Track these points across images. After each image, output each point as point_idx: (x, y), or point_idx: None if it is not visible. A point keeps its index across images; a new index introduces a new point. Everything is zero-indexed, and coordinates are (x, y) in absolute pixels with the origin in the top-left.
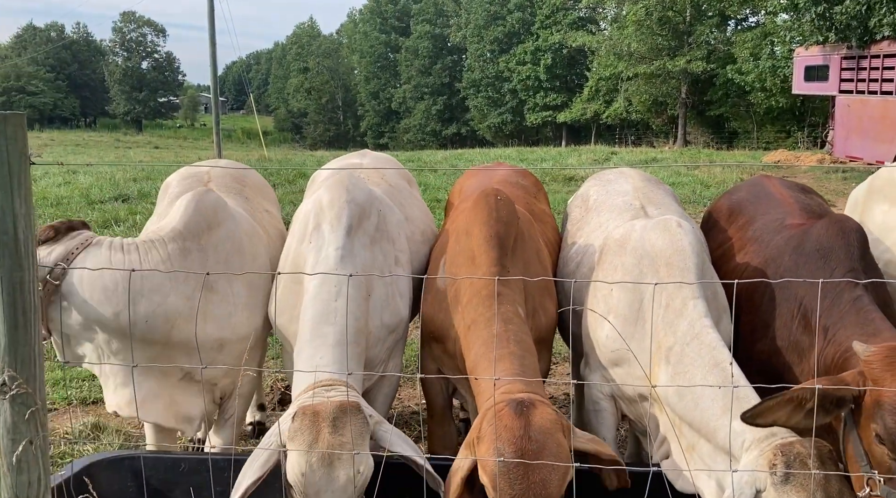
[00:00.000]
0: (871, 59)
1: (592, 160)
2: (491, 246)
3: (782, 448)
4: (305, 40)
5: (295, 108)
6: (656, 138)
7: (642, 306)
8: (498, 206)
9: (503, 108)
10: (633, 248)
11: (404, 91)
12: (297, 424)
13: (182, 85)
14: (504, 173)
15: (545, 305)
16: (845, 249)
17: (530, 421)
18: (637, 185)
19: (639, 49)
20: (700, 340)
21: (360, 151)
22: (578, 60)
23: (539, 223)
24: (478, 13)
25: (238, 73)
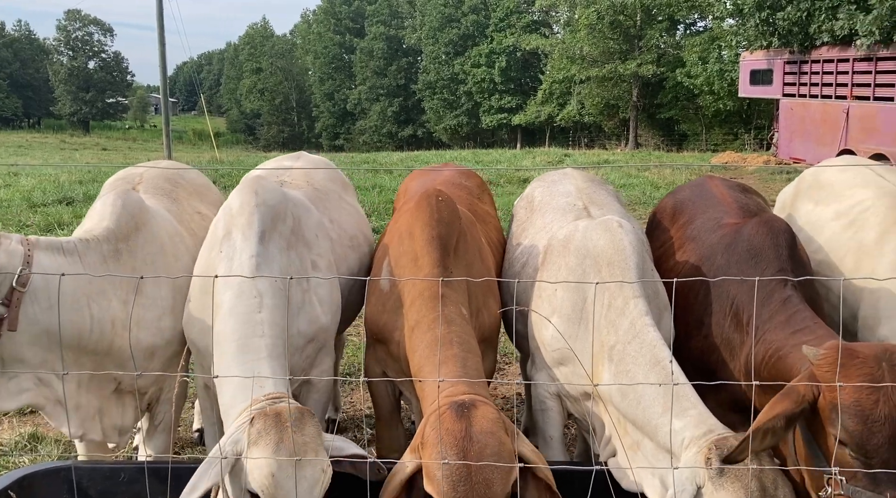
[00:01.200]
0: (811, 63)
1: (546, 162)
2: (433, 247)
3: (717, 443)
4: (258, 41)
5: (248, 110)
6: (608, 141)
7: (585, 306)
8: (439, 208)
9: (459, 111)
10: (577, 248)
11: (359, 92)
12: (259, 427)
13: (131, 85)
14: (449, 174)
15: (489, 305)
16: (774, 249)
17: (472, 423)
18: (580, 186)
19: (591, 52)
20: (641, 339)
21: (296, 154)
22: (532, 63)
23: (482, 224)
24: (432, 15)
25: (189, 73)
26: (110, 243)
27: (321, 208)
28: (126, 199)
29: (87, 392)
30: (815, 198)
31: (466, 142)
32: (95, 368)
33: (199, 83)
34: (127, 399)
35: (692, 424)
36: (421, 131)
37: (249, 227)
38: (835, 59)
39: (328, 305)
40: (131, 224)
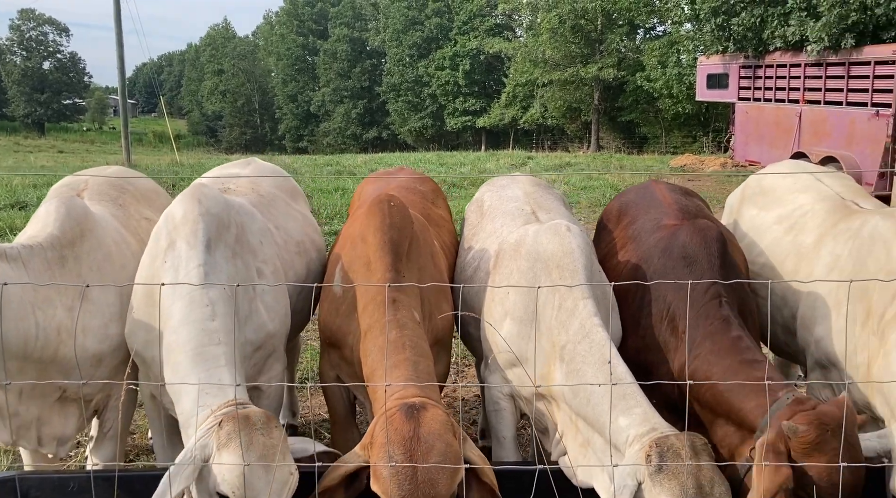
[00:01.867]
0: (765, 68)
1: (510, 165)
2: (385, 252)
3: (658, 441)
4: (220, 42)
5: (209, 111)
6: (571, 143)
7: (538, 307)
8: (391, 213)
9: (423, 113)
10: (527, 252)
11: (323, 94)
12: (228, 429)
13: (88, 87)
14: (403, 179)
15: (442, 308)
16: (707, 256)
17: (420, 424)
18: (528, 191)
19: (553, 56)
20: (590, 339)
21: (246, 159)
22: (496, 66)
23: (435, 227)
24: (396, 18)
25: (149, 74)
26: (55, 250)
27: (266, 215)
28: (70, 205)
29: (29, 400)
30: (758, 203)
31: (431, 144)
32: (40, 377)
33: (158, 85)
34: (71, 408)
35: (637, 421)
36: (385, 133)
37: (194, 237)
38: (787, 64)
39: (275, 312)
40: (76, 230)
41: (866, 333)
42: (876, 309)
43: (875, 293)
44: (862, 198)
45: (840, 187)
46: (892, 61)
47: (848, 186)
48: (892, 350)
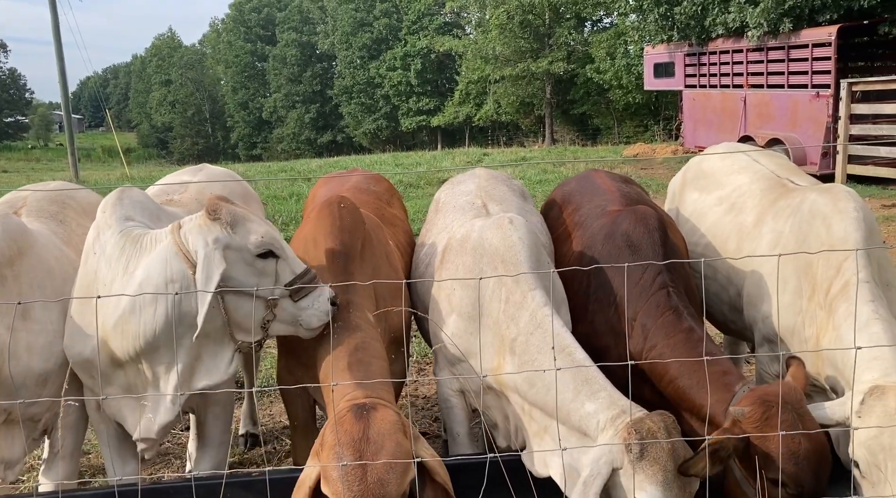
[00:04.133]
0: (709, 55)
1: (466, 162)
2: (337, 254)
3: (635, 426)
4: (166, 52)
5: (159, 123)
6: (526, 138)
7: (482, 302)
8: (342, 214)
9: (377, 114)
10: (473, 247)
11: (275, 100)
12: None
13: (30, 103)
14: (356, 180)
15: (396, 307)
16: (650, 241)
17: (370, 424)
18: (481, 185)
19: (503, 52)
20: (543, 329)
21: (198, 166)
22: (448, 65)
23: (390, 227)
24: (344, 20)
25: (94, 88)
26: None
27: None
28: (6, 223)
29: None
30: (699, 186)
31: (387, 145)
32: None
33: (103, 98)
34: (15, 430)
35: (604, 405)
36: (340, 137)
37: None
38: (730, 50)
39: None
40: (14, 248)
41: (813, 307)
42: (821, 283)
43: (819, 268)
44: (797, 175)
45: (775, 166)
46: (828, 43)
47: (782, 165)
48: (843, 322)
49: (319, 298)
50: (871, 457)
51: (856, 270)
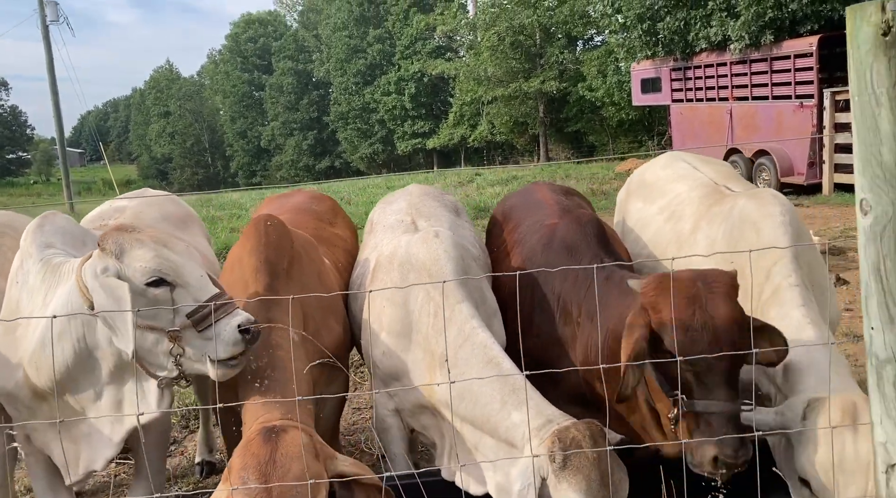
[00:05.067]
0: (694, 69)
1: (457, 183)
2: (261, 273)
3: (559, 434)
4: (164, 84)
5: (159, 154)
6: (522, 157)
7: (412, 319)
8: (268, 232)
9: (373, 139)
10: (400, 262)
11: (272, 128)
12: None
13: (31, 139)
14: (298, 200)
15: (329, 325)
16: (585, 241)
17: (277, 447)
18: (412, 202)
19: (495, 73)
20: (472, 342)
21: (139, 191)
22: (441, 88)
23: (329, 247)
24: (338, 47)
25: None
26: None
27: None
28: None
29: None
30: (642, 196)
31: (383, 169)
32: None
33: (96, 132)
34: None
35: (531, 415)
36: (338, 162)
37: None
38: (714, 63)
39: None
40: None
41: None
42: (753, 288)
43: (750, 273)
44: (734, 182)
45: (714, 173)
46: (810, 54)
47: (721, 172)
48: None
49: (227, 328)
50: (822, 475)
51: (785, 273)
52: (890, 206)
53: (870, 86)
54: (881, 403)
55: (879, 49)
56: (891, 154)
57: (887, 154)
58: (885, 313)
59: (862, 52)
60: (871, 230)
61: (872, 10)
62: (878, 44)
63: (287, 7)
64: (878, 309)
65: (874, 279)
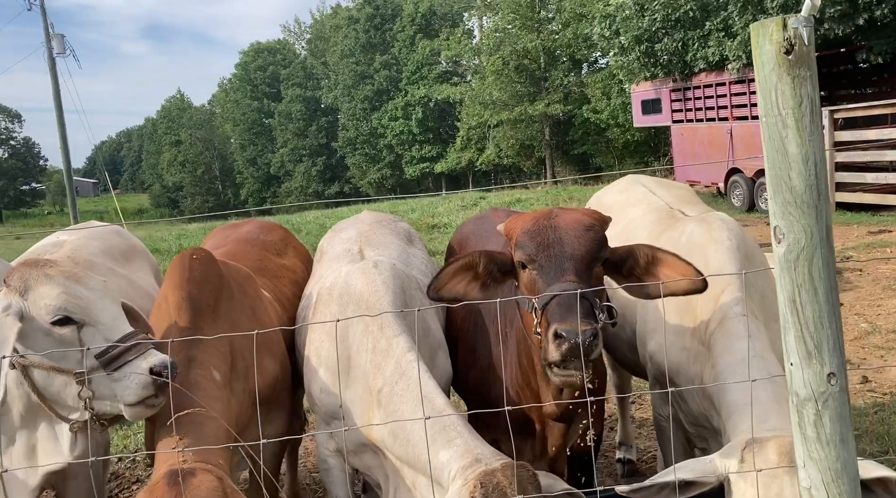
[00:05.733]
0: (693, 90)
1: (461, 206)
2: (184, 310)
3: (483, 477)
4: (175, 113)
5: (170, 183)
6: (529, 180)
7: (350, 354)
8: (192, 267)
9: (381, 164)
10: (339, 294)
11: (282, 155)
12: None
13: (45, 170)
14: (246, 230)
15: (262, 364)
16: None
17: (183, 491)
18: (362, 230)
19: (500, 97)
20: (407, 377)
21: (85, 224)
22: (448, 112)
23: (272, 279)
24: (345, 74)
25: (108, 152)
26: None
27: None
28: None
29: None
30: None
31: (392, 193)
32: None
33: (102, 164)
34: None
35: (458, 454)
36: (347, 187)
37: None
38: (713, 83)
39: None
40: None
41: (696, 344)
42: (701, 318)
43: (699, 302)
44: (689, 205)
45: (671, 197)
46: None
47: (678, 196)
48: (719, 359)
49: (137, 370)
50: None
51: (732, 303)
52: (802, 234)
53: (775, 107)
54: (803, 444)
55: (783, 68)
56: (800, 178)
57: (796, 178)
58: (803, 348)
59: (766, 71)
60: (784, 259)
61: (774, 28)
62: (782, 62)
63: (295, 35)
64: (796, 344)
65: (790, 311)
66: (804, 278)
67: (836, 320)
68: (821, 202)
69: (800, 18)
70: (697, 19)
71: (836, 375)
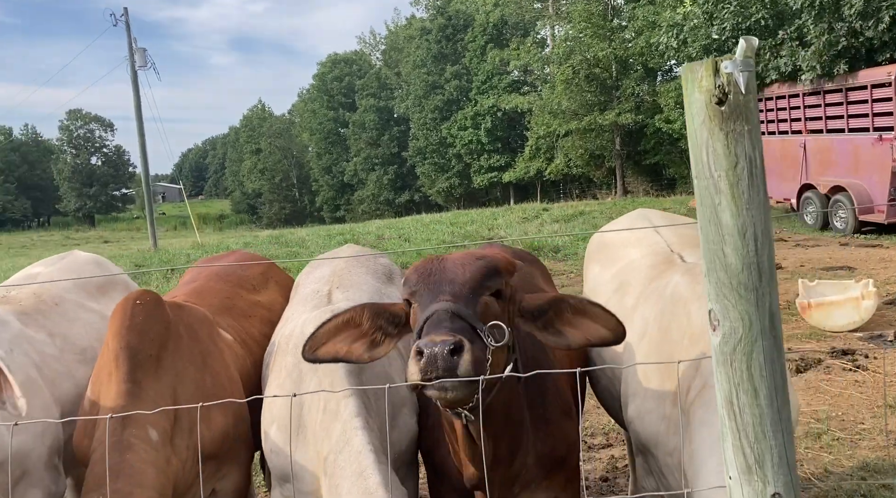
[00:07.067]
0: (765, 101)
1: (522, 218)
2: (121, 360)
3: None
4: (256, 122)
5: (250, 190)
6: (599, 190)
7: (302, 413)
8: (133, 313)
9: (450, 173)
10: (295, 345)
11: (355, 164)
12: None
13: (134, 176)
14: (225, 263)
15: (210, 418)
16: None
17: None
18: (337, 269)
19: (569, 106)
20: (350, 446)
21: (64, 254)
22: (517, 121)
23: (239, 318)
24: (417, 84)
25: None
26: None
27: (37, 322)
28: None
29: None
30: (600, 260)
31: (460, 202)
32: None
33: (178, 174)
34: None
35: None
36: (417, 196)
37: None
38: (786, 95)
39: (22, 426)
40: None
41: (677, 412)
42: (682, 384)
43: (682, 366)
44: (692, 249)
45: (675, 238)
46: (888, 83)
47: (685, 235)
48: (696, 433)
49: None
50: None
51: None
52: (739, 322)
53: (707, 168)
54: None
55: (714, 122)
56: (736, 255)
57: (732, 255)
58: (742, 460)
59: (695, 125)
60: (720, 351)
61: (703, 73)
62: (714, 115)
63: (370, 46)
64: (734, 454)
65: (727, 415)
66: (741, 376)
67: (782, 429)
68: (762, 284)
69: (735, 61)
70: (770, 28)
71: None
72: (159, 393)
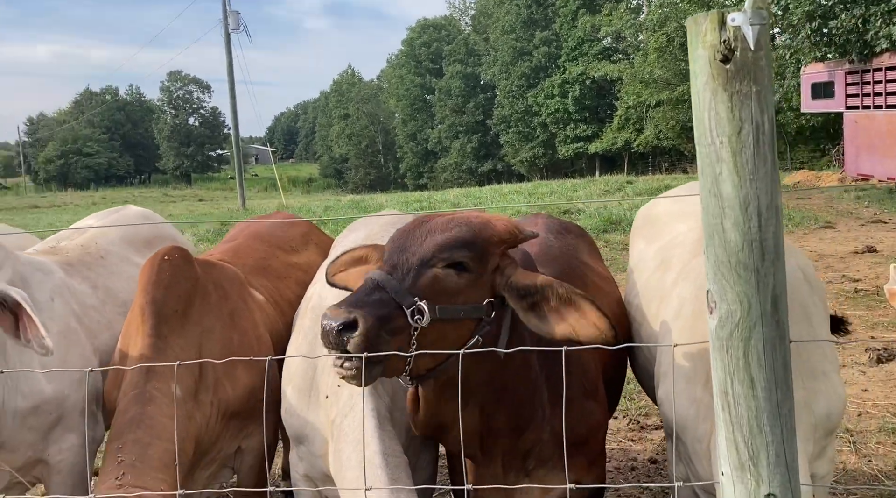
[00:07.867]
0: (873, 72)
1: (604, 190)
2: (147, 314)
3: None
4: (345, 88)
5: (337, 154)
6: (690, 164)
7: (316, 374)
8: (161, 268)
9: (534, 142)
10: (312, 307)
11: (440, 131)
12: None
13: (227, 138)
14: (266, 224)
15: (235, 376)
16: None
17: None
18: (372, 233)
19: (662, 75)
20: (356, 412)
21: (116, 208)
22: (607, 90)
23: (275, 280)
24: (504, 50)
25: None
26: None
27: (81, 274)
28: None
29: None
30: (645, 235)
31: (544, 172)
32: None
33: (271, 133)
34: None
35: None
36: (500, 165)
37: None
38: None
39: (56, 373)
40: None
41: (709, 397)
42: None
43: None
44: None
45: None
46: None
47: None
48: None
49: None
50: None
51: None
52: (737, 304)
53: (709, 133)
54: None
55: (718, 82)
56: (736, 230)
57: (732, 230)
58: (735, 456)
59: (699, 85)
60: (716, 335)
61: (708, 27)
62: (718, 74)
63: (460, 11)
64: (727, 449)
65: (722, 407)
66: (737, 364)
67: (781, 425)
68: (765, 264)
69: (745, 12)
70: None
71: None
72: (184, 348)
